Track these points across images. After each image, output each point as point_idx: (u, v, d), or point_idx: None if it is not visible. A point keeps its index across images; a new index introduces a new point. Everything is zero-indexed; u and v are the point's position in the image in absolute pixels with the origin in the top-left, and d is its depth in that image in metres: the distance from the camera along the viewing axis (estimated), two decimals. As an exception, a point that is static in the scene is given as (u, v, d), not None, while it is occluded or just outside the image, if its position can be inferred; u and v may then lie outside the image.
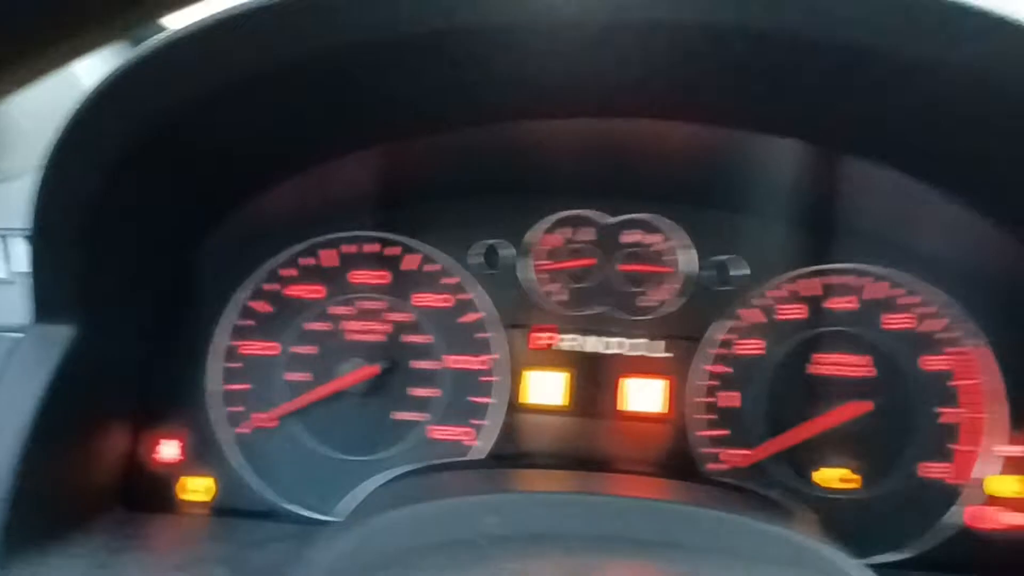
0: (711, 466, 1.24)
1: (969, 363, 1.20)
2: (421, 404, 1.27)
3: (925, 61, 0.79)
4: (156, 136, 0.93)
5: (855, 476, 1.20)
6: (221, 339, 1.28)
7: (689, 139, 1.12)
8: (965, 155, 0.97)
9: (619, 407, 1.27)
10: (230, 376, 1.28)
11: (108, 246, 1.05)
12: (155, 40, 0.82)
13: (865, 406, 1.19)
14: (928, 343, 1.22)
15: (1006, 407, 1.18)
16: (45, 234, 0.99)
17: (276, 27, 0.81)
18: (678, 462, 1.25)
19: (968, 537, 1.19)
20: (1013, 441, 1.19)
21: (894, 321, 1.22)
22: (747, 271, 1.26)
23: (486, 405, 1.27)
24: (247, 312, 1.29)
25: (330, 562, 0.85)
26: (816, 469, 1.22)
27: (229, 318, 1.29)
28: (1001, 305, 1.19)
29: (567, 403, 1.27)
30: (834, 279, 1.24)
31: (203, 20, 0.80)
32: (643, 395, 1.27)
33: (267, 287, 1.30)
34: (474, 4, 0.79)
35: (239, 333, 1.29)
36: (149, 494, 1.23)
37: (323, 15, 0.79)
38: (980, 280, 1.19)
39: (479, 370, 1.28)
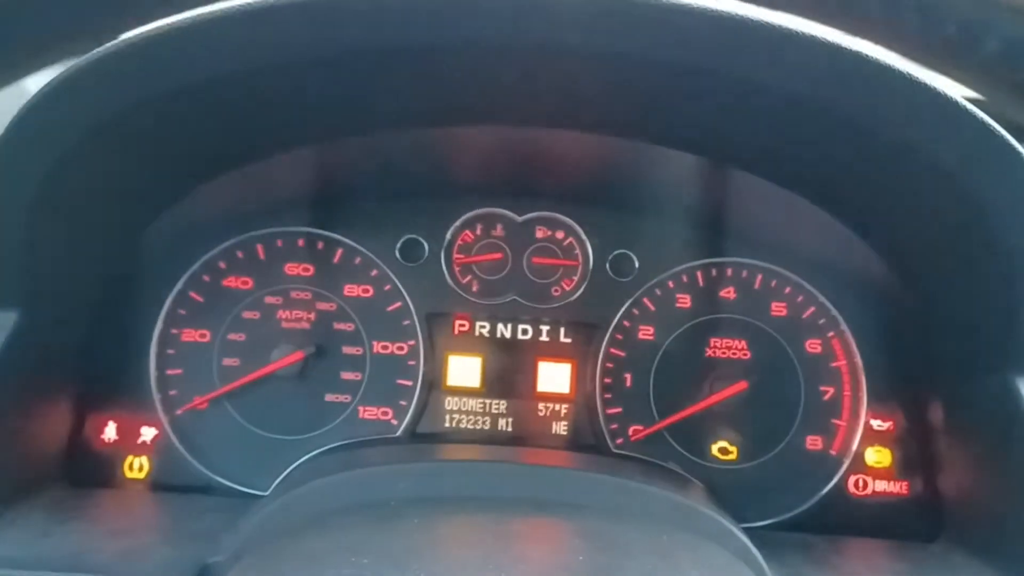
0: (615, 440, 1.36)
1: (843, 346, 1.34)
2: (349, 387, 1.36)
3: (795, 94, 0.91)
4: (97, 135, 0.99)
5: (734, 448, 1.34)
6: (160, 327, 1.35)
7: (591, 147, 1.23)
8: (825, 173, 1.11)
9: (530, 388, 1.38)
10: (168, 362, 1.35)
11: (51, 237, 1.10)
12: (103, 47, 0.89)
13: (745, 386, 1.32)
14: (808, 328, 1.35)
15: (865, 385, 1.33)
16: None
17: (217, 40, 0.88)
18: (584, 438, 1.37)
19: (845, 502, 1.32)
20: (883, 416, 1.33)
21: (774, 309, 1.36)
22: (641, 264, 1.38)
23: (409, 387, 1.37)
24: (185, 301, 1.36)
25: (255, 527, 0.94)
26: (712, 443, 1.35)
27: (168, 307, 1.36)
28: (855, 295, 1.34)
29: (481, 385, 1.39)
30: (718, 272, 1.37)
31: (151, 30, 0.87)
32: (551, 377, 1.39)
33: (205, 277, 1.37)
34: (399, 26, 0.87)
35: (177, 321, 1.36)
36: (92, 471, 1.30)
37: (263, 30, 0.87)
38: (839, 273, 1.34)
39: (402, 355, 1.38)
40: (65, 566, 0.94)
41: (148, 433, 1.33)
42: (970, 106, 0.88)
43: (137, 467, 1.33)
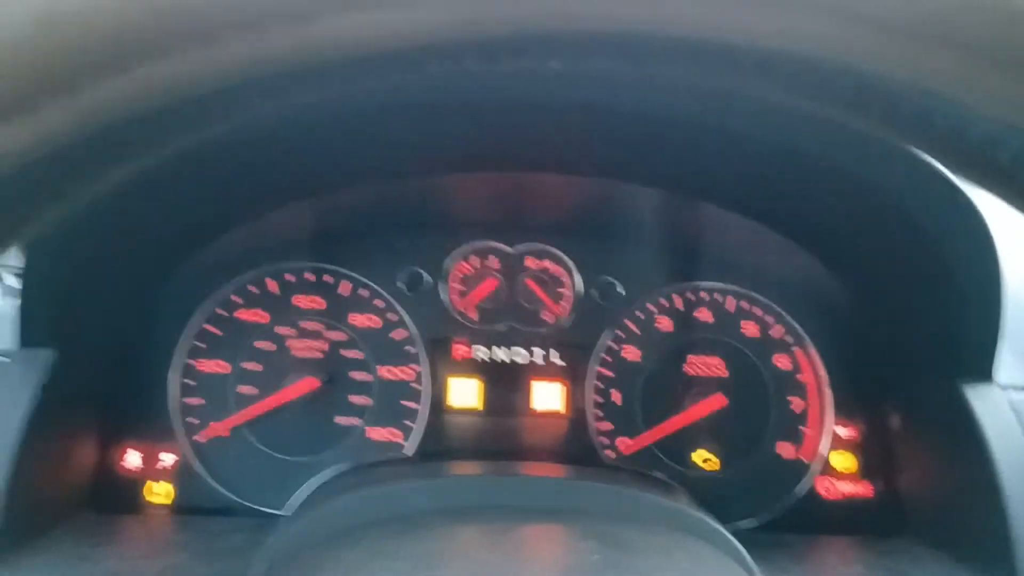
0: (606, 453, 1.46)
1: (809, 361, 1.46)
2: (358, 410, 1.44)
3: (768, 142, 1.02)
4: (124, 197, 1.06)
5: (714, 457, 1.44)
6: (180, 359, 1.42)
7: (577, 187, 1.35)
8: (792, 208, 1.23)
9: (526, 407, 1.48)
10: (188, 391, 1.42)
11: (84, 282, 1.19)
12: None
13: (722, 400, 1.43)
14: (776, 345, 1.46)
15: (830, 396, 1.45)
16: (31, 271, 1.13)
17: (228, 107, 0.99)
18: (578, 451, 1.46)
19: (816, 503, 1.42)
20: (847, 424, 1.45)
21: (746, 329, 1.48)
22: (625, 290, 1.49)
23: (414, 409, 1.45)
24: (203, 335, 1.44)
25: (287, 542, 1.01)
26: (694, 453, 1.45)
27: (187, 340, 1.43)
28: (819, 314, 1.46)
29: (481, 405, 1.48)
30: (695, 296, 1.49)
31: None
32: (546, 396, 1.48)
33: (219, 311, 1.44)
34: (395, 87, 0.97)
35: (195, 353, 1.43)
36: (117, 498, 1.36)
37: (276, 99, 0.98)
38: (803, 295, 1.46)
39: (408, 379, 1.46)
40: None
41: (170, 459, 1.40)
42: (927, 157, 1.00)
43: (161, 492, 1.39)
